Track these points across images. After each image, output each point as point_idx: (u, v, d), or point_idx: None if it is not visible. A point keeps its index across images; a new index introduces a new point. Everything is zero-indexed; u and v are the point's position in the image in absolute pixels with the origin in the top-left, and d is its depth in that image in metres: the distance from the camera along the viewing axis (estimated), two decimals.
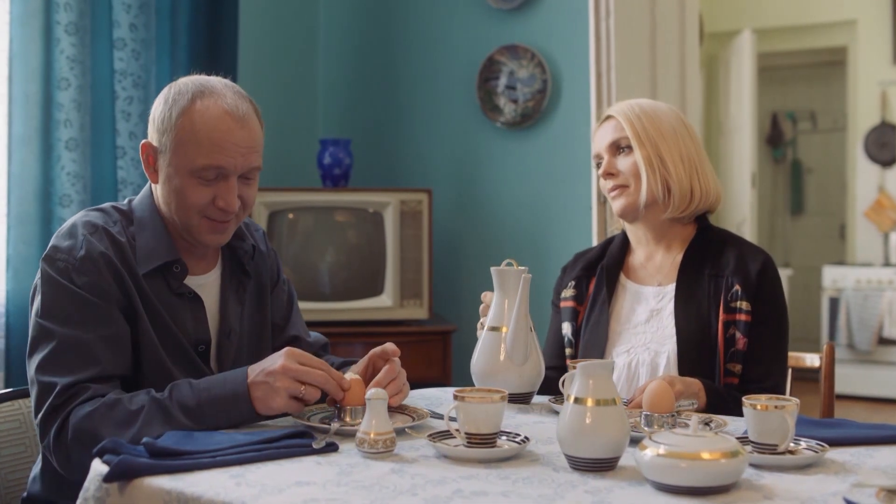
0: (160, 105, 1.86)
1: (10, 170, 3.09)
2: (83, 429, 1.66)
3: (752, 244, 2.25)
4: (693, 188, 2.20)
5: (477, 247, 4.21)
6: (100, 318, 1.76)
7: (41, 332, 1.76)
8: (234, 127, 1.82)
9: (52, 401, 1.70)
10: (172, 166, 1.83)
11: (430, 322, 3.85)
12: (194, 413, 1.67)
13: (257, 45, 4.19)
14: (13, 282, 3.07)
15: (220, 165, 1.81)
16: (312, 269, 3.80)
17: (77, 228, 1.83)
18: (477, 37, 4.22)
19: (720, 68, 7.65)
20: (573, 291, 2.31)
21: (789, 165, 8.94)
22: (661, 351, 2.14)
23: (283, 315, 2.13)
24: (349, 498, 1.29)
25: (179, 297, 1.88)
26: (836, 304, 7.06)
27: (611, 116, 2.27)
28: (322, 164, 4.04)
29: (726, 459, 1.34)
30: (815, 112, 8.84)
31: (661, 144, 2.18)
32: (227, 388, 1.69)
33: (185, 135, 1.81)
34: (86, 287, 1.76)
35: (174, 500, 1.33)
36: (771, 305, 2.14)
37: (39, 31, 3.13)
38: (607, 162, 2.25)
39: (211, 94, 1.84)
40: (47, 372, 1.73)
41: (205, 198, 1.83)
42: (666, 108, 2.27)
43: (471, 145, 4.26)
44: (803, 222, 8.90)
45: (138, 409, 1.66)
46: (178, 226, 1.88)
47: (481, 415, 1.54)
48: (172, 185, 1.84)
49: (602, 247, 2.37)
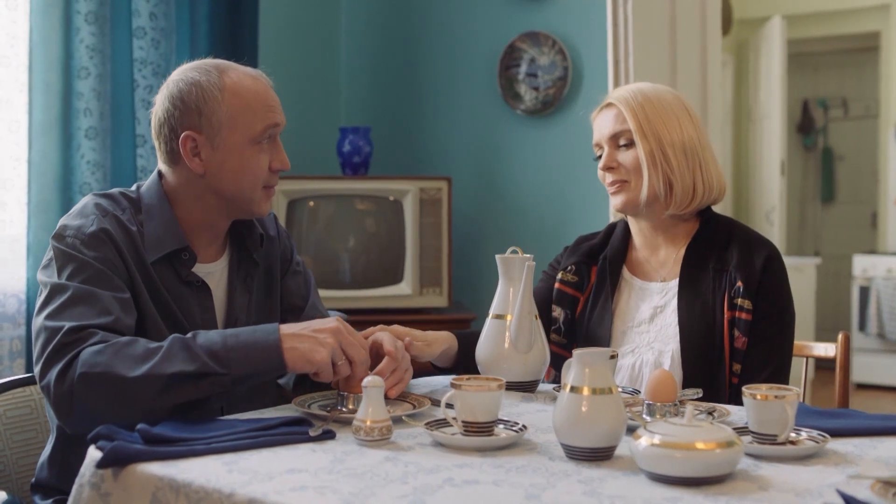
0: (190, 90, 1.84)
1: (30, 158, 3.12)
2: (93, 364, 1.59)
3: (757, 235, 2.17)
4: (696, 184, 2.12)
5: (497, 234, 4.20)
6: (115, 285, 1.75)
7: (55, 287, 1.72)
8: (267, 86, 1.90)
9: (60, 339, 1.64)
10: (231, 142, 1.83)
11: (450, 310, 3.85)
12: (219, 355, 1.63)
13: (278, 34, 4.19)
14: (33, 270, 3.10)
15: (276, 123, 1.88)
16: (332, 256, 3.81)
17: (88, 209, 1.83)
18: (498, 24, 4.20)
19: (750, 55, 7.57)
20: (573, 277, 2.24)
21: (820, 153, 8.83)
22: (665, 350, 2.08)
23: (303, 295, 2.11)
24: (338, 485, 1.29)
25: (187, 285, 1.88)
26: (867, 294, 6.97)
27: (612, 104, 2.18)
28: (341, 151, 4.05)
29: (721, 449, 1.32)
30: (846, 99, 8.72)
31: (664, 137, 2.10)
32: (258, 334, 1.67)
33: (236, 105, 1.83)
34: (97, 259, 1.75)
35: (166, 486, 1.34)
36: (773, 300, 2.07)
37: (59, 21, 3.15)
38: (607, 154, 2.17)
39: (228, 68, 1.89)
40: (56, 318, 1.68)
41: (265, 164, 1.87)
42: (668, 93, 2.18)
43: (491, 133, 4.25)
44: (834, 210, 8.79)
45: (157, 347, 1.62)
46: (219, 209, 1.88)
47: (478, 403, 1.53)
48: (234, 162, 1.84)
49: (605, 235, 2.30)
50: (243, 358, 1.64)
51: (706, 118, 3.78)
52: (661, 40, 3.69)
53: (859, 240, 8.31)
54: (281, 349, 1.65)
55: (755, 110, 7.49)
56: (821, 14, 7.72)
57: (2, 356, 3.11)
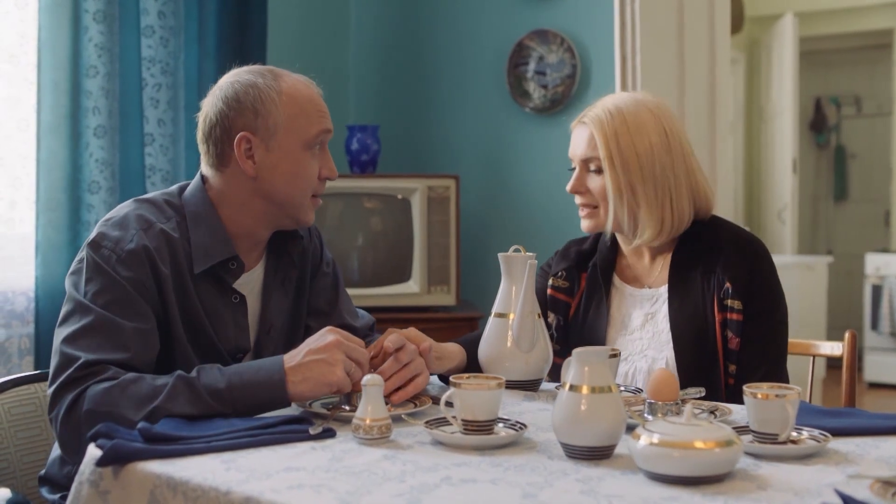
0: (248, 91, 1.83)
1: (38, 157, 3.12)
2: (99, 402, 1.59)
3: (744, 233, 2.13)
4: (664, 220, 2.07)
5: (505, 233, 4.19)
6: (139, 312, 1.73)
7: (79, 306, 1.71)
8: (318, 94, 1.92)
9: (72, 373, 1.64)
10: (287, 145, 1.83)
11: (458, 308, 3.85)
12: (223, 396, 1.62)
13: (286, 31, 4.19)
14: (42, 268, 3.11)
15: (327, 129, 1.90)
16: (341, 254, 3.81)
17: (130, 221, 1.79)
18: (506, 22, 4.19)
19: (762, 53, 7.54)
20: (565, 283, 2.22)
21: (833, 151, 8.79)
22: (659, 357, 2.07)
23: (328, 300, 2.10)
24: (335, 484, 1.29)
25: (225, 301, 1.86)
26: (880, 292, 6.94)
27: (586, 123, 2.13)
28: (350, 149, 4.05)
29: (720, 449, 1.32)
30: (859, 97, 8.68)
31: (633, 170, 2.05)
32: (262, 374, 1.65)
33: (293, 109, 1.84)
34: (128, 281, 1.73)
35: (163, 484, 1.34)
36: (763, 299, 2.04)
37: (68, 19, 3.16)
38: (577, 177, 2.13)
39: (282, 73, 1.90)
40: (74, 345, 1.67)
41: (316, 171, 1.88)
42: (648, 113, 2.09)
43: (499, 131, 4.24)
44: (847, 209, 8.75)
45: (162, 385, 1.61)
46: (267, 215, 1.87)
47: (477, 401, 1.53)
48: (288, 165, 1.84)
49: (593, 241, 2.26)
50: (247, 398, 1.63)
51: (715, 117, 3.76)
52: (669, 38, 3.67)
53: (872, 238, 8.27)
54: (286, 385, 1.64)
55: (767, 108, 7.47)
56: (833, 11, 7.68)
57: (11, 354, 3.13)
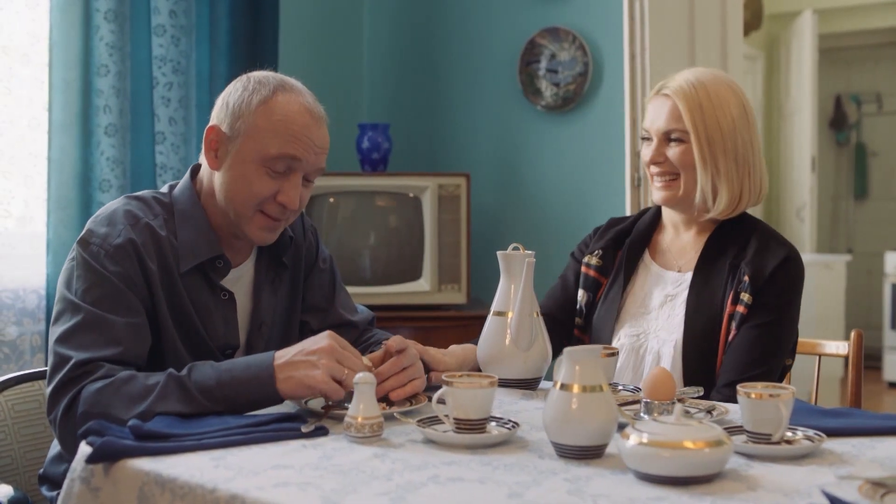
0: (238, 91, 1.85)
1: (50, 155, 3.14)
2: (94, 403, 1.61)
3: (780, 238, 2.11)
4: (742, 192, 2.09)
5: (516, 231, 4.18)
6: (129, 306, 1.74)
7: (69, 304, 1.73)
8: (312, 124, 1.84)
9: (65, 374, 1.66)
10: (242, 153, 1.82)
11: (468, 307, 3.84)
12: (213, 393, 1.63)
13: (299, 30, 4.20)
14: (53, 265, 3.13)
15: (294, 156, 1.81)
16: (352, 253, 3.81)
17: (117, 217, 1.81)
18: (518, 20, 4.18)
19: (781, 50, 7.49)
20: (599, 262, 2.23)
21: (853, 149, 8.72)
22: (669, 339, 2.07)
23: (326, 296, 2.11)
24: (322, 482, 1.29)
25: (214, 297, 1.87)
26: None
27: (669, 95, 2.10)
28: (361, 148, 4.05)
29: (710, 449, 1.31)
30: (880, 94, 8.60)
31: (717, 142, 2.05)
32: (251, 370, 1.65)
33: (263, 122, 1.81)
34: (117, 276, 1.75)
35: (152, 481, 1.35)
36: (774, 298, 2.02)
37: (79, 19, 3.18)
38: (656, 148, 2.12)
39: (292, 90, 1.86)
40: (66, 344, 1.69)
41: (268, 190, 1.82)
42: (727, 89, 2.09)
43: (511, 129, 4.23)
44: (867, 207, 8.68)
45: (154, 384, 1.62)
46: (225, 217, 1.86)
47: (470, 400, 1.52)
48: (237, 171, 1.83)
49: (633, 220, 2.28)
50: (238, 395, 1.64)
51: None
52: (680, 36, 3.65)
53: (893, 236, 8.20)
54: (275, 382, 1.64)
55: (786, 106, 7.41)
56: (852, 8, 7.62)
57: (23, 351, 3.15)
